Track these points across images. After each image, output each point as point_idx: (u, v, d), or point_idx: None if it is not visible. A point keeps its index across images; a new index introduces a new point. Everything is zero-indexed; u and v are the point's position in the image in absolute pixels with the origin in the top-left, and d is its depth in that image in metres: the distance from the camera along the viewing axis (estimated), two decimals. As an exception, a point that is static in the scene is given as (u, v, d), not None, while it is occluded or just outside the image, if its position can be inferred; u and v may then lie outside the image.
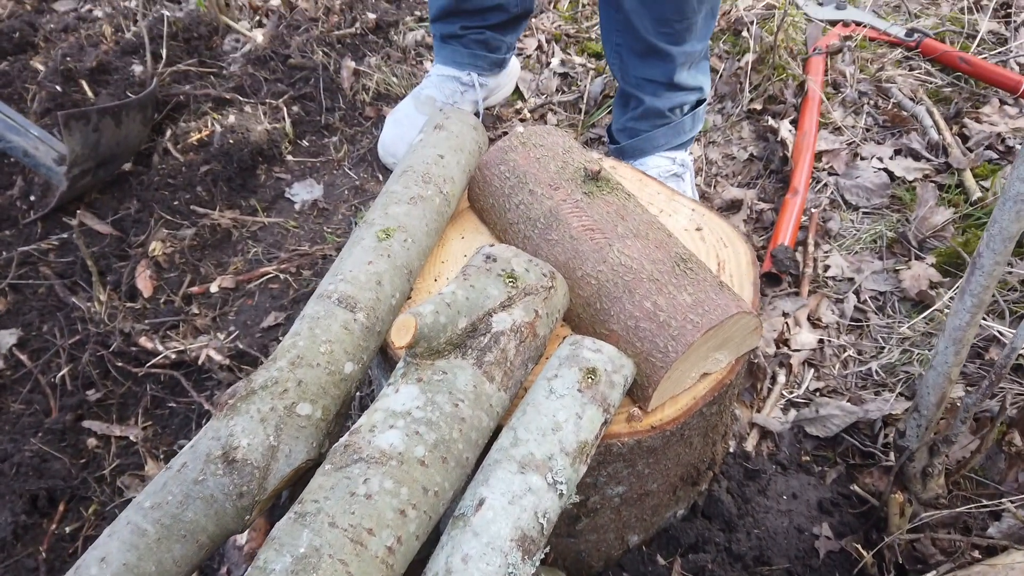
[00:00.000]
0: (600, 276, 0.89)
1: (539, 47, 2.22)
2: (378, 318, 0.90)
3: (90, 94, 1.97)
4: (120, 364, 1.45)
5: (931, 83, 2.04)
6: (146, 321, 1.52)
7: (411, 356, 0.81)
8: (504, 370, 0.83)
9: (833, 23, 2.25)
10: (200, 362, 1.43)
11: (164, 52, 2.07)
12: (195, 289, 1.58)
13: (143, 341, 1.46)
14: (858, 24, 2.23)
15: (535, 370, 0.92)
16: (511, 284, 0.86)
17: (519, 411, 0.82)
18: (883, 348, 1.46)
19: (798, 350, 1.46)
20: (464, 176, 1.08)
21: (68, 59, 2.05)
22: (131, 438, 1.37)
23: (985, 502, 1.14)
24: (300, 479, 0.84)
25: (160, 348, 1.44)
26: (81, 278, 1.60)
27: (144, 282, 1.58)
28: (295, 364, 0.83)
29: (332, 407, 0.84)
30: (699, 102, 1.66)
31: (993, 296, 1.46)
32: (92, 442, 1.36)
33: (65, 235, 1.68)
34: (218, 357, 1.42)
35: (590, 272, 0.90)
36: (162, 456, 1.35)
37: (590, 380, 0.82)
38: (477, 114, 1.90)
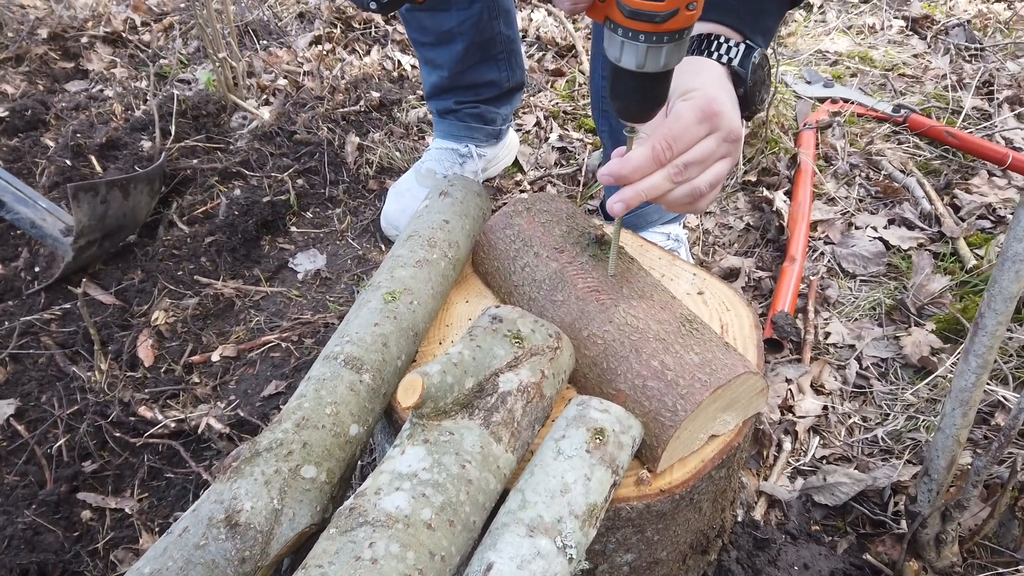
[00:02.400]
0: (606, 336, 0.90)
1: (538, 123, 2.28)
2: (384, 380, 0.90)
3: (99, 168, 2.01)
4: (118, 434, 1.43)
5: (920, 156, 2.10)
6: (146, 390, 1.51)
7: (417, 417, 0.81)
8: (511, 431, 0.82)
9: (822, 100, 2.33)
10: (200, 431, 1.41)
11: (173, 129, 2.13)
12: (196, 358, 1.58)
13: (142, 410, 1.45)
14: (846, 101, 2.31)
15: (541, 432, 0.91)
16: (517, 344, 0.86)
17: (527, 473, 0.81)
18: (888, 414, 1.45)
19: (803, 417, 1.45)
20: (468, 241, 1.10)
21: (78, 135, 2.10)
22: (126, 510, 1.34)
23: (1001, 570, 1.11)
24: (303, 545, 0.82)
25: (159, 417, 1.43)
26: (82, 348, 1.59)
27: (145, 351, 1.58)
28: (300, 426, 0.82)
29: (337, 470, 0.83)
30: None
31: (995, 361, 1.47)
32: (86, 514, 1.33)
33: (68, 305, 1.69)
34: (218, 426, 1.41)
35: (596, 332, 0.91)
36: (157, 529, 1.31)
37: (598, 440, 0.81)
38: (478, 185, 1.94)
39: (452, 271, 1.05)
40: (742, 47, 0.96)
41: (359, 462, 1.31)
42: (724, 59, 0.95)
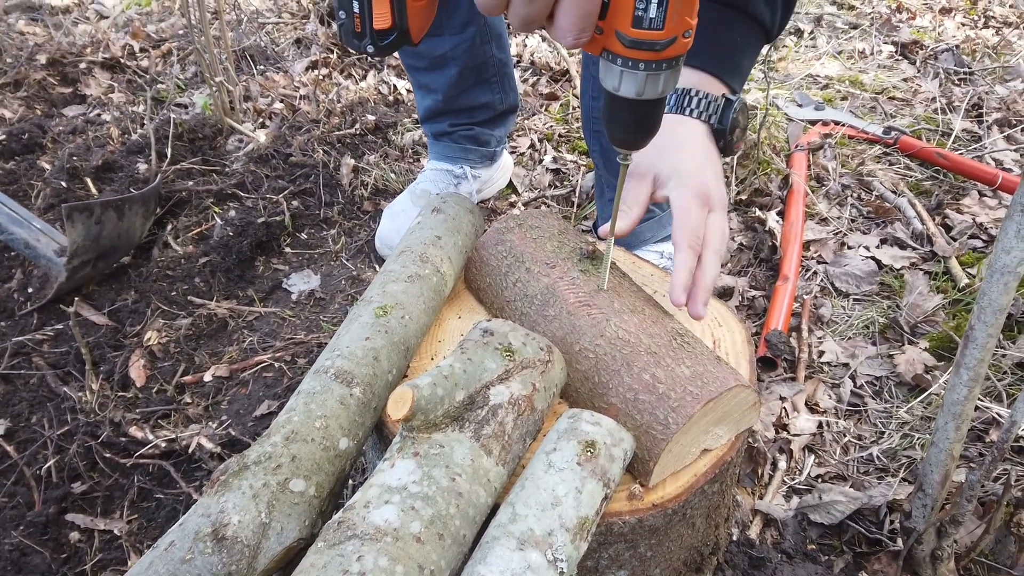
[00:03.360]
0: (598, 350, 0.90)
1: (532, 145, 2.30)
2: (374, 394, 0.89)
3: (94, 190, 2.02)
4: (108, 455, 1.41)
5: (911, 177, 2.12)
6: (137, 410, 1.50)
7: (407, 430, 0.80)
8: (502, 444, 0.82)
9: (813, 122, 2.35)
10: (190, 451, 1.40)
11: (169, 151, 2.14)
12: (188, 378, 1.57)
13: (133, 431, 1.44)
14: (837, 123, 2.33)
15: (533, 446, 0.90)
16: (508, 357, 0.86)
17: (517, 486, 0.80)
18: (883, 433, 1.45)
19: (798, 435, 1.44)
20: (461, 257, 1.10)
21: (74, 158, 2.11)
22: (115, 532, 1.32)
23: (999, 588, 1.10)
24: (291, 560, 0.81)
25: (150, 437, 1.42)
26: (74, 368, 1.59)
27: (137, 371, 1.57)
28: (289, 439, 0.82)
29: (326, 484, 0.82)
30: None
31: (988, 378, 1.47)
32: (75, 536, 1.31)
33: (60, 325, 1.68)
34: (209, 445, 1.40)
35: (587, 346, 0.91)
36: (146, 550, 1.30)
37: (589, 453, 0.81)
38: (472, 207, 1.95)
39: (444, 287, 1.05)
40: (721, 102, 1.06)
41: (350, 479, 1.30)
42: (704, 116, 1.06)
